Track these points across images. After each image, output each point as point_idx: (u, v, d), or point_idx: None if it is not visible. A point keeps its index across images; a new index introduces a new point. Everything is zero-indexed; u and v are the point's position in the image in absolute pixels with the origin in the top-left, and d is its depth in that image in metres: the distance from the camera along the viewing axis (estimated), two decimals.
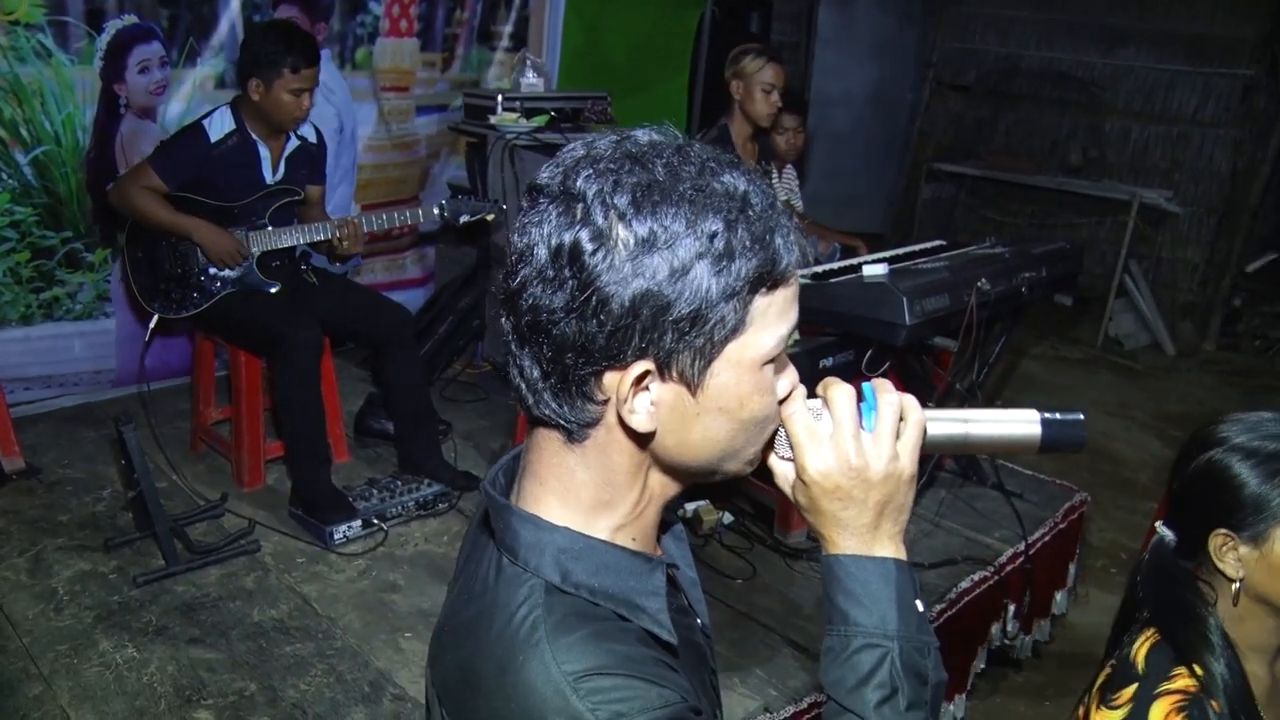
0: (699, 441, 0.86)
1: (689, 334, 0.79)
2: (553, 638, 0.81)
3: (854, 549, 0.91)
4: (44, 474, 3.38)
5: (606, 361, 0.80)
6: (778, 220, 0.82)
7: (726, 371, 0.82)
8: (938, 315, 2.82)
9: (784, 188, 4.37)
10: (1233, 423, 1.33)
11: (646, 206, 0.77)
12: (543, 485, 0.89)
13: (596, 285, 0.77)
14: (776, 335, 0.84)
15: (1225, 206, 6.74)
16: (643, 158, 0.80)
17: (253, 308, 3.24)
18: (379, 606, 2.83)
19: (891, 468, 0.89)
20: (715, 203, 0.78)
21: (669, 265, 0.77)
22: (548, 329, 0.80)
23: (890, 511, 0.91)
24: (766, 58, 3.59)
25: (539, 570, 0.85)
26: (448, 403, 4.14)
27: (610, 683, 0.78)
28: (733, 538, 3.20)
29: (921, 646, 0.90)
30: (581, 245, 0.77)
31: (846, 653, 0.89)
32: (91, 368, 3.86)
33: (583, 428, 0.85)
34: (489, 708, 0.82)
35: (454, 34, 4.67)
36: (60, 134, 3.52)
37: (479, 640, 0.85)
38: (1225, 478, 1.29)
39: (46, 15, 3.36)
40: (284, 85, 3.12)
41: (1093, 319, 6.81)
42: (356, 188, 4.50)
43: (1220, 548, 1.30)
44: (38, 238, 3.55)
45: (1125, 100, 7.03)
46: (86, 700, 2.37)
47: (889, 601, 0.89)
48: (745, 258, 0.79)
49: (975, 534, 3.25)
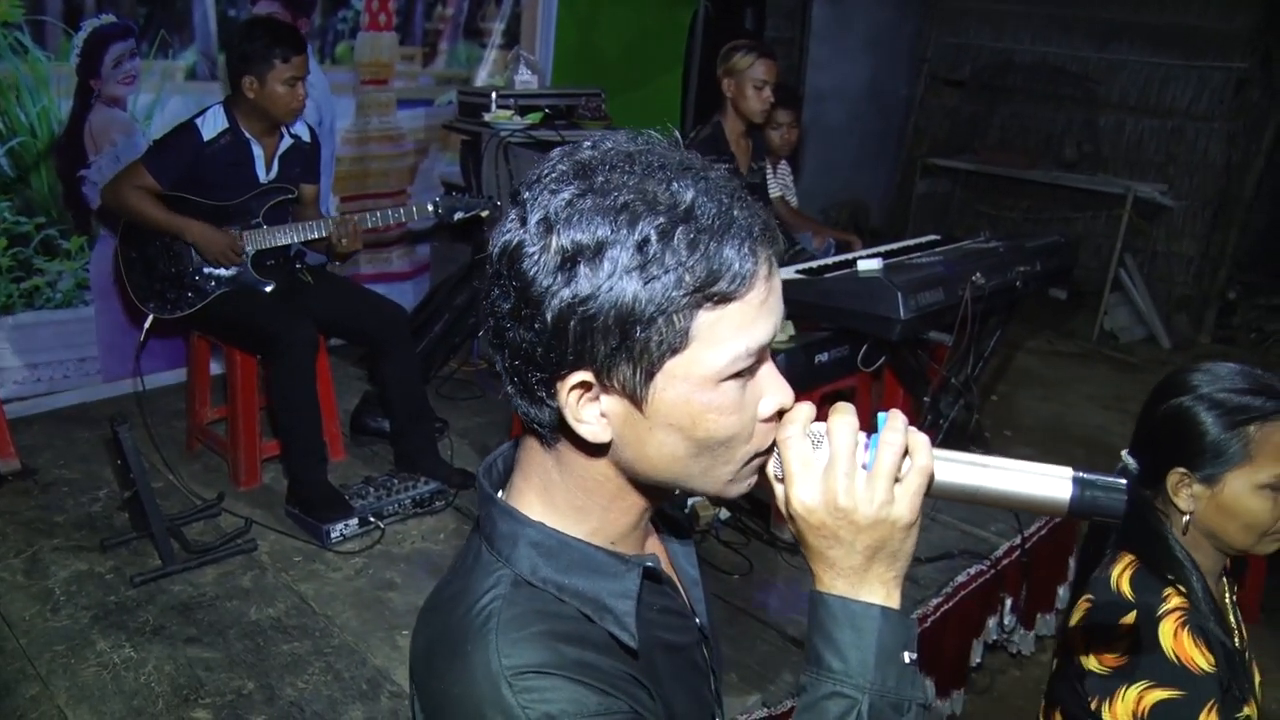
0: (656, 457, 0.82)
1: (621, 346, 0.76)
2: (503, 631, 0.81)
3: (840, 589, 0.85)
4: (40, 474, 3.37)
5: (550, 369, 0.79)
6: (730, 230, 0.76)
7: (673, 387, 0.78)
8: (933, 310, 2.83)
9: (778, 183, 4.37)
10: (1203, 372, 1.45)
11: (576, 215, 0.75)
12: (527, 482, 0.89)
13: (530, 292, 0.76)
14: (730, 352, 0.78)
15: (1220, 200, 6.75)
16: (589, 165, 0.78)
17: (248, 307, 3.23)
18: (376, 604, 2.83)
19: (883, 513, 0.82)
20: (652, 210, 0.75)
21: (593, 274, 0.75)
22: (503, 334, 0.80)
23: (883, 557, 0.84)
24: (758, 54, 3.58)
25: (510, 561, 0.86)
26: (444, 400, 4.14)
27: (548, 683, 0.78)
28: (729, 533, 3.21)
29: (898, 703, 0.84)
30: (521, 250, 0.77)
31: (815, 696, 0.85)
32: (75, 355, 3.87)
33: (551, 431, 0.84)
34: (439, 689, 0.83)
35: (435, 29, 4.68)
36: (35, 126, 3.55)
37: (445, 623, 0.86)
38: (1190, 423, 1.42)
39: (25, 15, 3.38)
40: (277, 77, 3.12)
41: (1088, 313, 6.82)
42: (334, 179, 4.52)
43: (1177, 484, 1.44)
44: (11, 223, 3.57)
45: (1120, 94, 7.04)
46: (84, 700, 2.37)
47: (868, 649, 0.84)
48: (681, 269, 0.75)
49: (971, 527, 3.26)
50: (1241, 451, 1.38)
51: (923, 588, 2.90)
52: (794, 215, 4.51)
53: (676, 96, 5.83)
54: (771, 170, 4.24)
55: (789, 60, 6.93)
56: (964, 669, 3.05)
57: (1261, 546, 1.43)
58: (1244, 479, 1.39)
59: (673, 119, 5.55)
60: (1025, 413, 5.33)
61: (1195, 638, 1.37)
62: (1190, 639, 1.37)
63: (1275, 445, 1.37)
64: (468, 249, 4.51)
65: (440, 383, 4.31)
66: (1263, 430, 1.38)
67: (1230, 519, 1.41)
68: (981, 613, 3.09)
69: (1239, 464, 1.38)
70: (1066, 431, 5.09)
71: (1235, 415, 1.39)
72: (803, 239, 4.22)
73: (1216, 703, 1.34)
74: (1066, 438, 4.99)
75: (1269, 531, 1.41)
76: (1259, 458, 1.38)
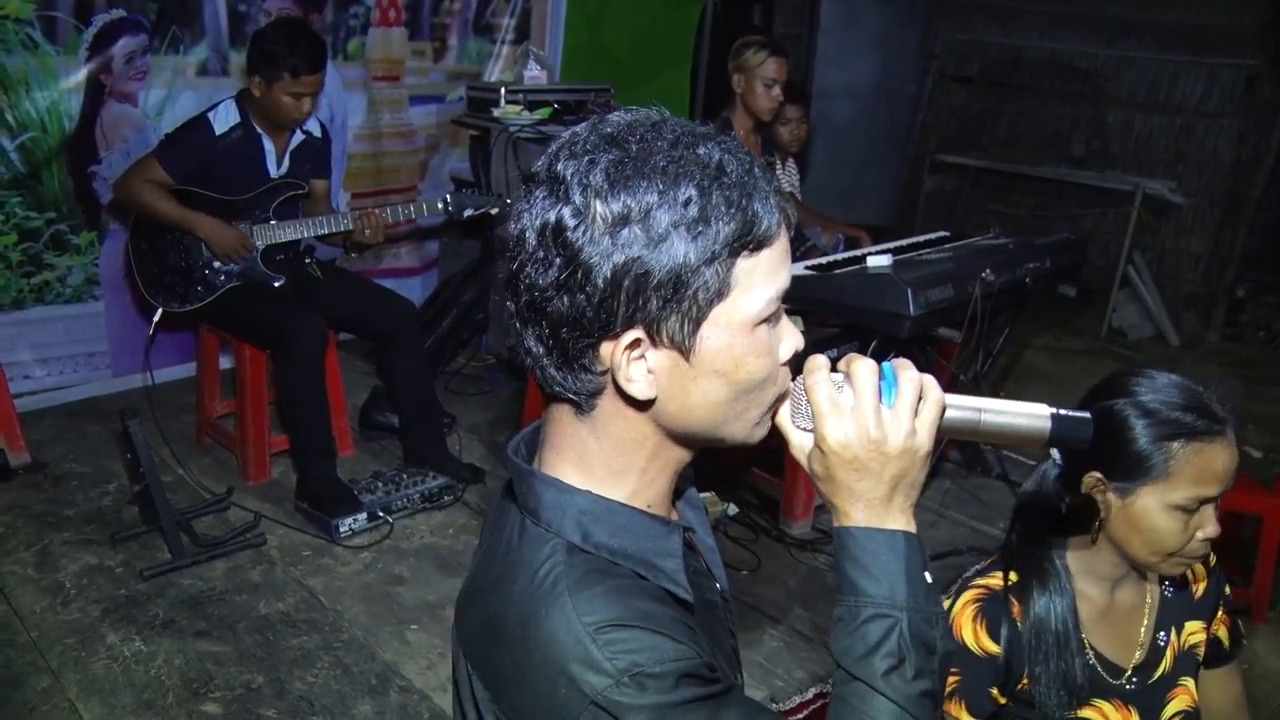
0: (699, 405, 0.88)
1: (672, 299, 0.82)
2: (574, 591, 0.84)
3: (866, 521, 0.92)
4: (50, 468, 3.39)
5: (599, 333, 0.84)
6: (755, 185, 0.84)
7: (717, 335, 0.84)
8: (942, 306, 2.82)
9: (785, 181, 4.37)
10: (1145, 379, 1.38)
11: (620, 182, 0.81)
12: (560, 455, 0.93)
13: (580, 260, 0.81)
14: (764, 296, 0.85)
15: (1229, 197, 6.72)
16: (618, 137, 0.83)
17: (257, 301, 3.24)
18: (385, 599, 2.84)
19: (909, 443, 0.90)
20: (689, 171, 0.81)
21: (646, 235, 0.80)
22: (542, 307, 0.84)
23: (904, 486, 0.92)
24: (769, 51, 3.57)
25: (560, 531, 0.89)
26: (452, 396, 4.14)
27: (628, 634, 0.82)
28: (737, 529, 3.21)
29: (930, 617, 0.91)
30: (564, 223, 0.81)
31: (856, 622, 0.90)
32: (85, 350, 3.89)
33: (589, 398, 0.89)
34: (512, 659, 0.86)
35: (443, 24, 4.68)
36: (45, 121, 3.55)
37: (503, 596, 0.89)
38: (1120, 428, 1.35)
39: (36, 10, 3.39)
40: (283, 88, 3.12)
41: (1096, 310, 6.80)
42: (345, 175, 4.52)
43: (1091, 488, 1.39)
44: (22, 219, 3.58)
45: (1128, 91, 7.01)
46: (94, 693, 2.38)
47: (898, 573, 0.91)
48: (722, 221, 0.81)
49: (980, 525, 3.26)
50: (1161, 466, 1.32)
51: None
52: (803, 211, 4.50)
53: (685, 92, 5.83)
54: (780, 167, 4.24)
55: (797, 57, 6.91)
56: None
57: (1165, 567, 1.39)
58: (1157, 495, 1.33)
59: (680, 114, 5.54)
60: None
61: (979, 621, 1.40)
62: (973, 621, 1.40)
63: (1195, 467, 1.31)
64: (476, 245, 4.51)
65: (448, 378, 4.32)
66: (1186, 449, 1.31)
67: (1135, 533, 1.36)
68: None
69: (1156, 479, 1.33)
70: None
71: (1164, 428, 1.32)
72: (812, 234, 4.21)
73: (992, 688, 1.40)
74: None
75: (1174, 553, 1.36)
76: (1176, 476, 1.32)
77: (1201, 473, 1.32)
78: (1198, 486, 1.32)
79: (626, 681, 0.80)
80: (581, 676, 0.81)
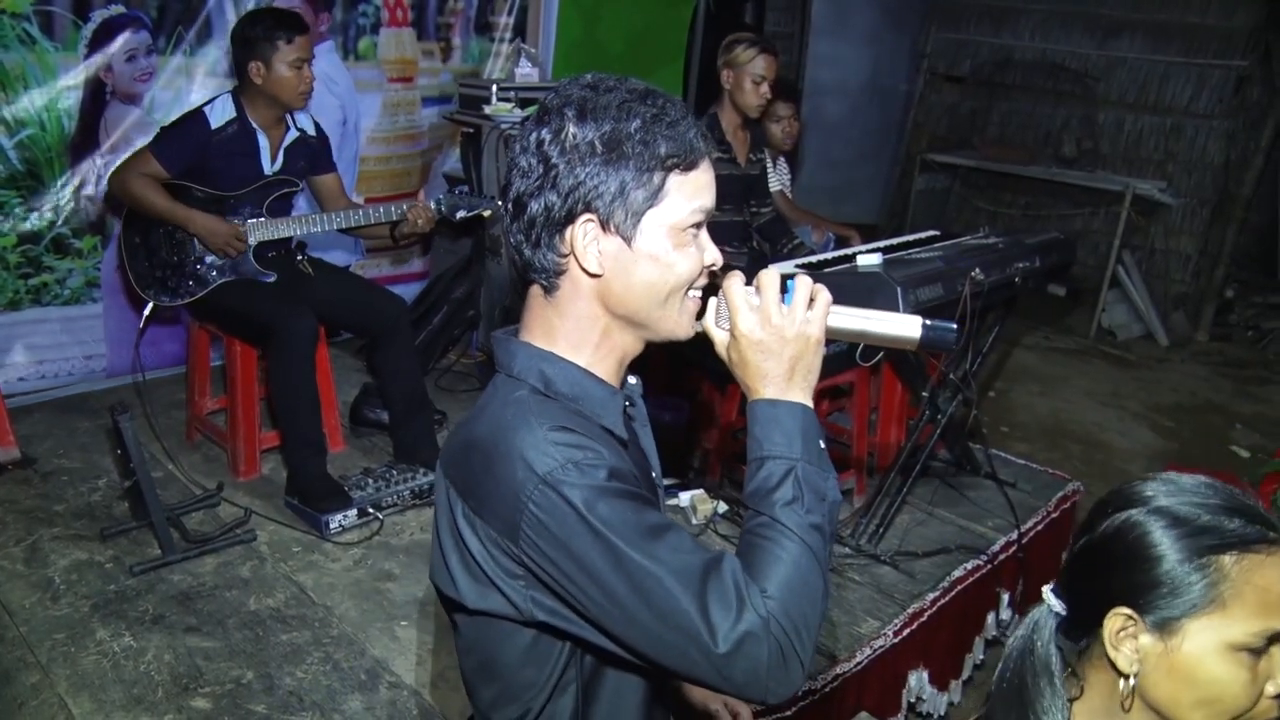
0: (638, 285, 1.13)
1: (619, 196, 1.10)
2: (535, 411, 1.10)
3: (771, 394, 1.14)
4: (39, 464, 3.38)
5: (564, 223, 1.12)
6: (688, 124, 1.12)
7: (653, 229, 1.12)
8: (932, 305, 2.83)
9: (776, 178, 4.38)
10: (1162, 481, 1.07)
11: (587, 113, 1.10)
12: (530, 331, 1.20)
13: (555, 166, 1.10)
14: (690, 207, 1.12)
15: (1218, 197, 6.76)
16: (593, 83, 1.13)
17: (249, 297, 3.23)
18: (375, 595, 2.84)
19: (802, 329, 1.13)
20: (638, 110, 1.10)
21: (605, 150, 1.09)
22: (526, 204, 1.13)
23: (801, 368, 1.14)
24: (759, 48, 3.58)
25: (527, 378, 1.16)
26: (442, 392, 4.15)
27: (574, 438, 1.07)
28: (727, 527, 3.22)
29: (821, 470, 1.12)
30: (543, 139, 1.11)
31: (758, 470, 1.11)
32: (81, 353, 3.87)
33: (553, 278, 1.15)
34: (481, 458, 1.10)
35: (447, 23, 4.67)
36: (44, 119, 3.53)
37: (479, 420, 1.15)
38: (1141, 545, 1.03)
39: (33, 5, 3.36)
40: (282, 59, 3.12)
41: (1086, 309, 6.83)
42: (359, 179, 4.50)
43: (1118, 631, 1.04)
44: (20, 219, 3.55)
45: (1119, 91, 7.05)
46: (84, 689, 2.38)
47: (796, 433, 1.12)
48: (660, 143, 1.09)
49: (968, 523, 3.27)
50: (1208, 591, 0.99)
51: (919, 582, 2.91)
52: (793, 209, 4.51)
53: (677, 89, 5.84)
54: (772, 165, 4.24)
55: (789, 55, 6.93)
56: (960, 660, 3.07)
57: None
58: (1211, 632, 0.99)
59: None
60: (1022, 409, 5.35)
61: None
62: None
63: (1258, 588, 0.98)
64: (468, 243, 4.51)
65: (439, 374, 4.32)
66: (1241, 564, 0.99)
67: (1187, 688, 1.01)
68: (980, 608, 3.11)
69: (1204, 610, 0.99)
70: (1063, 428, 5.10)
71: (1202, 539, 1.00)
72: (801, 233, 4.22)
73: None
74: (1063, 434, 5.01)
75: (1238, 716, 1.01)
76: (1234, 604, 0.98)
77: (1265, 594, 0.98)
78: (1264, 617, 0.98)
79: (570, 467, 1.03)
80: (536, 460, 1.04)
